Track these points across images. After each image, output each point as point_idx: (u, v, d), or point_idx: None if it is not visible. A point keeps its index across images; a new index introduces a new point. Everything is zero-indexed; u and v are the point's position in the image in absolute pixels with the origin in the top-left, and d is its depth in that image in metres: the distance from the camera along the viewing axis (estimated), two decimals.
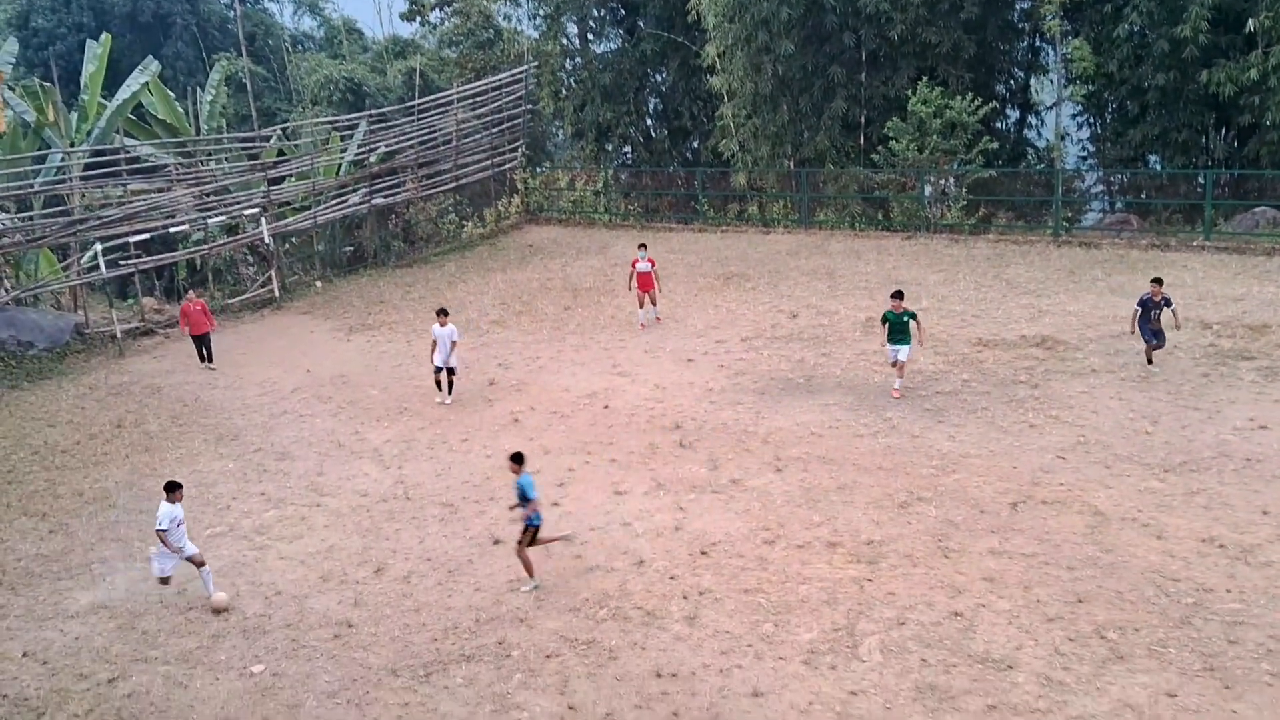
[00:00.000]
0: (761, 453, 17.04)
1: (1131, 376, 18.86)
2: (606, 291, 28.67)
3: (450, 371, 20.93)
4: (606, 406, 19.87)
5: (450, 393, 21.00)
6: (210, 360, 24.87)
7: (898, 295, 18.99)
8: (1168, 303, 18.89)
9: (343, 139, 39.68)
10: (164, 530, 13.31)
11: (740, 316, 25.16)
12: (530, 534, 13.31)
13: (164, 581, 13.78)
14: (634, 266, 24.97)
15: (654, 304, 25.16)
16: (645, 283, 24.83)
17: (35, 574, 15.04)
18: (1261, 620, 11.41)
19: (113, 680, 12.24)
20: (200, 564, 13.73)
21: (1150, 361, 19.27)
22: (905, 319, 18.62)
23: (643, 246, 25.50)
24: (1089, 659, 10.99)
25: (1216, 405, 17.33)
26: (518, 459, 13.35)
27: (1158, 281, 19.19)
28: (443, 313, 20.83)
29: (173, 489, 13.60)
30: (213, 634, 13.04)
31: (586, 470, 17.00)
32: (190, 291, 26.71)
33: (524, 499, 13.17)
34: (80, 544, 15.92)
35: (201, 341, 24.87)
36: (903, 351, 18.76)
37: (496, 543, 14.71)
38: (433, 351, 20.78)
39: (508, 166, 40.98)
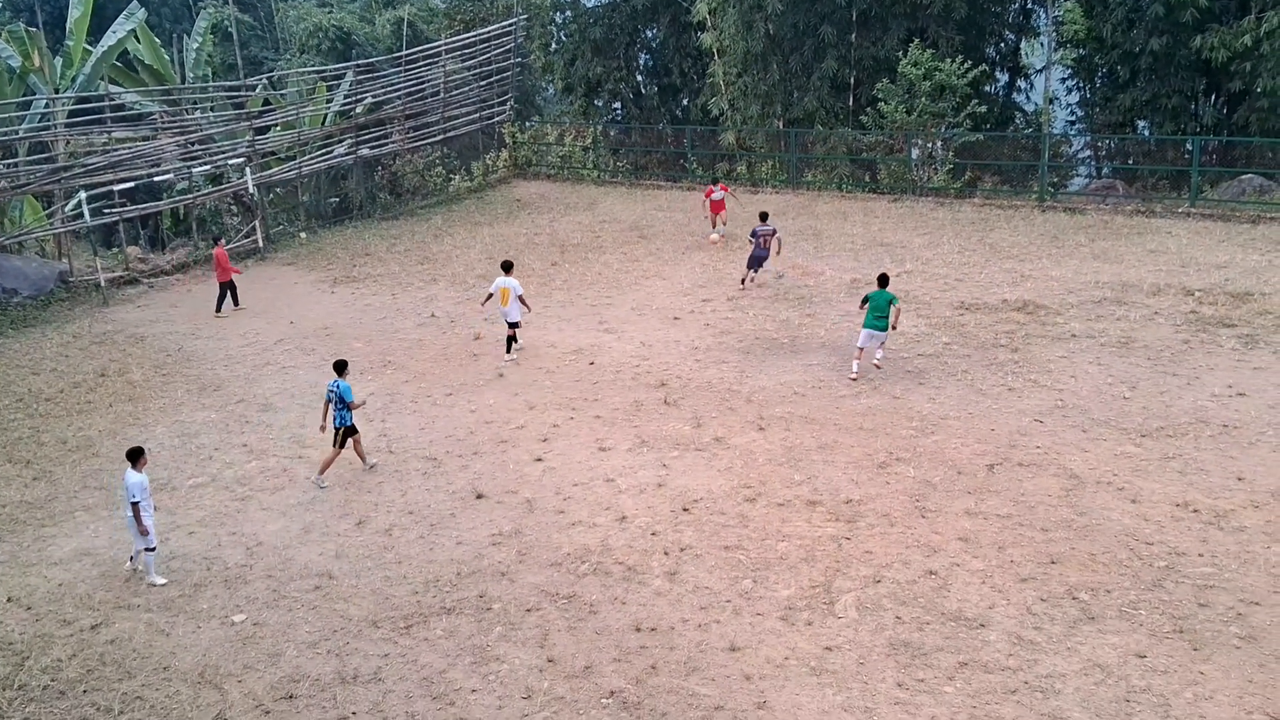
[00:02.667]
0: (745, 411, 17.14)
1: (1111, 342, 19.00)
2: (594, 248, 28.62)
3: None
4: (592, 363, 19.92)
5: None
6: (219, 310, 25.11)
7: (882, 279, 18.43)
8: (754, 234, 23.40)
9: (329, 89, 39.31)
10: (137, 502, 12.76)
11: (726, 275, 25.18)
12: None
13: (151, 550, 13.15)
14: (708, 195, 28.69)
15: (723, 223, 28.54)
16: (717, 207, 28.49)
17: (19, 520, 15.08)
18: (1232, 584, 11.62)
19: (96, 626, 12.34)
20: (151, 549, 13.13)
21: (741, 284, 24.01)
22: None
23: (715, 181, 29.74)
24: (1060, 619, 11.18)
25: (1195, 372, 17.49)
26: (339, 367, 15.76)
27: (763, 216, 23.92)
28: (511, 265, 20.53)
29: (137, 456, 13.06)
30: (195, 583, 13.12)
31: (571, 426, 17.08)
32: (222, 239, 27.23)
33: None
34: (64, 491, 15.96)
35: (229, 288, 25.35)
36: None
37: (479, 497, 14.81)
38: (492, 303, 20.26)
39: (496, 120, 40.70)
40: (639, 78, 47.68)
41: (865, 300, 18.12)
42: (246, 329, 23.59)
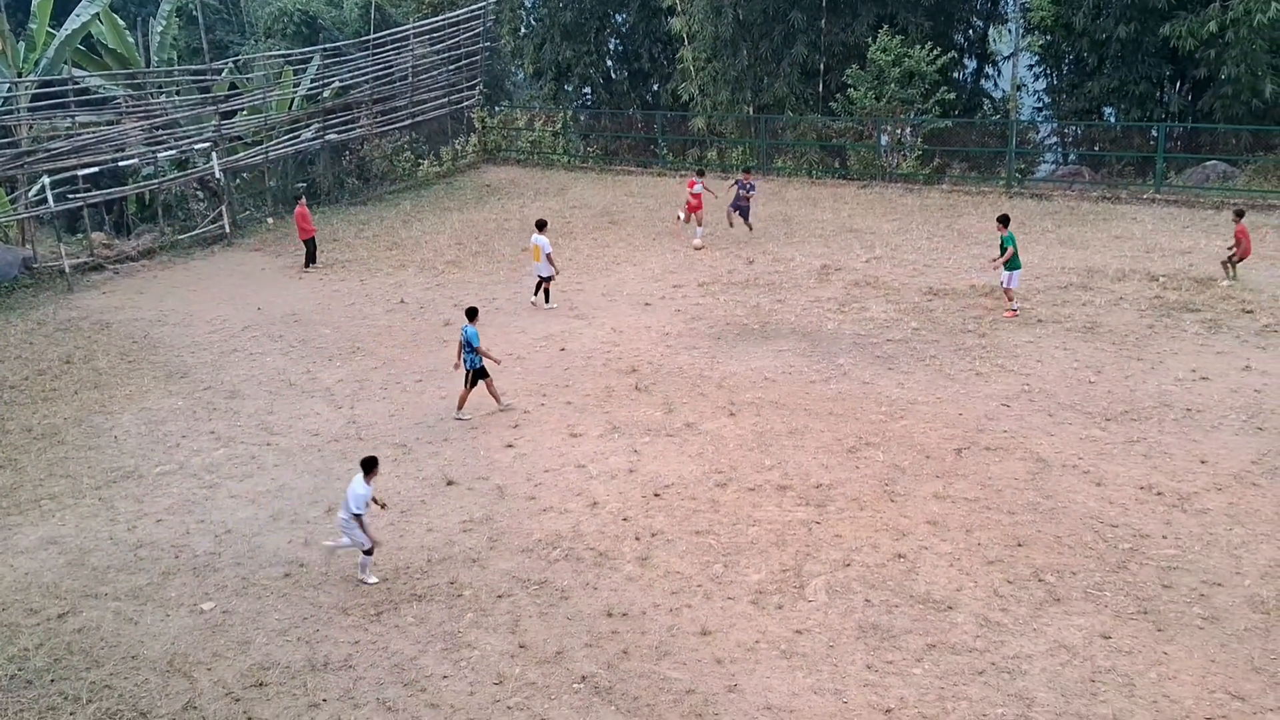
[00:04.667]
0: (716, 397, 17.19)
1: (1077, 327, 19.17)
2: (564, 234, 28.51)
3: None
4: (563, 349, 19.90)
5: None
6: (308, 266, 26.92)
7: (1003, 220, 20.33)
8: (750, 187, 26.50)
9: (296, 73, 38.95)
10: (359, 515, 12.26)
11: (697, 262, 25.20)
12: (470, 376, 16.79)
13: (369, 553, 12.53)
14: (690, 186, 26.90)
15: (699, 224, 26.81)
16: (692, 205, 26.88)
17: None
18: (1195, 566, 11.78)
19: (63, 615, 12.24)
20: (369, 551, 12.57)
21: (745, 225, 26.93)
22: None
23: (700, 173, 27.74)
24: (1027, 601, 11.30)
25: (1159, 356, 17.68)
26: (470, 314, 16.84)
27: (746, 170, 27.56)
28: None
29: (370, 467, 12.46)
30: (163, 571, 13.04)
31: (542, 412, 17.07)
32: (302, 197, 28.27)
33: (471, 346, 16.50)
34: (29, 480, 15.80)
35: (311, 245, 27.01)
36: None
37: (450, 484, 14.78)
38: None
39: (465, 105, 40.48)
40: (609, 63, 47.46)
41: (1005, 248, 19.62)
42: (213, 315, 23.40)
